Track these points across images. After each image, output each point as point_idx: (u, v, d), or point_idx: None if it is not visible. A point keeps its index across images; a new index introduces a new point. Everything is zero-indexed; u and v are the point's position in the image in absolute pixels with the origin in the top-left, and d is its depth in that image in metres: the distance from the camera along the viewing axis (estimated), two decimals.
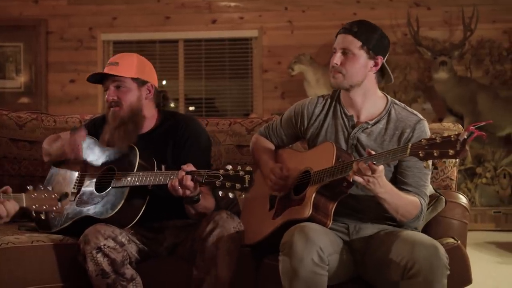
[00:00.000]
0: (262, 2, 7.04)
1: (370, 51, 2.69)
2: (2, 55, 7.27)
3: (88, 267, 2.69)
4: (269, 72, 7.08)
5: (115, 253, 2.70)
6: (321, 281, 2.44)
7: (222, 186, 2.52)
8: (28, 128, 3.55)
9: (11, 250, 2.79)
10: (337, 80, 2.71)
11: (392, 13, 6.82)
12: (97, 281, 2.70)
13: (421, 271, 2.36)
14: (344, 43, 2.68)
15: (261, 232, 2.76)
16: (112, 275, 2.69)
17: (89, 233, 2.71)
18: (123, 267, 2.71)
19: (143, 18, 7.11)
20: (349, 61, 2.68)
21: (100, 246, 2.68)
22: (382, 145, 2.67)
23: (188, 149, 2.91)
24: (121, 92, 2.94)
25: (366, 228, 2.67)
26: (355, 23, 2.72)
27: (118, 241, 2.73)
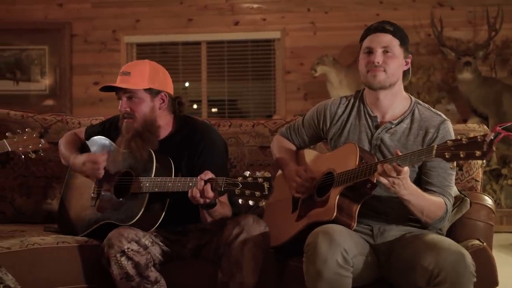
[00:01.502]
0: (285, 3, 7.03)
1: (405, 50, 2.70)
2: (28, 58, 7.33)
3: (112, 271, 2.70)
4: (291, 74, 7.07)
5: (139, 256, 2.70)
6: (345, 282, 2.43)
7: (242, 194, 2.49)
8: (53, 130, 3.56)
9: (37, 251, 2.81)
10: (380, 78, 2.67)
11: (415, 13, 6.77)
12: (122, 284, 2.70)
13: (448, 279, 2.34)
14: (384, 42, 2.66)
15: (285, 234, 2.76)
16: (137, 278, 2.69)
17: (112, 236, 2.71)
18: (147, 270, 2.72)
19: (166, 20, 7.13)
20: (391, 60, 2.66)
21: (123, 249, 2.68)
22: (406, 145, 2.66)
23: (204, 157, 2.88)
24: (133, 103, 2.89)
25: (391, 230, 2.66)
26: (385, 23, 2.71)
27: (142, 244, 2.74)
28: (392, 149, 2.63)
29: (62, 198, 3.17)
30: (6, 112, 3.56)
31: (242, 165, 3.41)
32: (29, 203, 3.48)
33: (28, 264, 2.77)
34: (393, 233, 2.65)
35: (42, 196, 3.48)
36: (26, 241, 2.83)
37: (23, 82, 7.36)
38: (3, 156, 3.37)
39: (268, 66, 7.21)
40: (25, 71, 7.36)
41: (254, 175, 2.48)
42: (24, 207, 3.47)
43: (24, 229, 3.12)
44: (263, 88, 7.32)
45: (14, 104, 5.47)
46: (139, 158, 2.89)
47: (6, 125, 3.50)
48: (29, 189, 3.47)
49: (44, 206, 3.49)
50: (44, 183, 3.50)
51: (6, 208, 3.45)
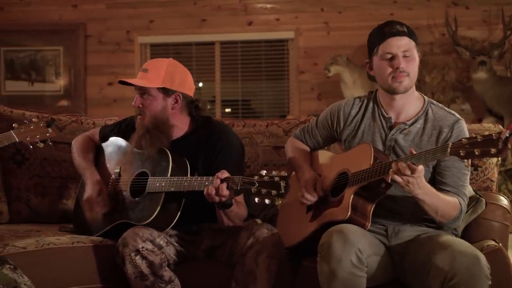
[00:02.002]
0: (298, 3, 7.03)
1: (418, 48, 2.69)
2: (42, 59, 7.37)
3: (127, 270, 2.71)
4: (305, 74, 7.06)
5: (153, 255, 2.71)
6: (359, 282, 2.43)
7: (258, 193, 2.49)
8: (68, 131, 3.58)
9: (52, 250, 2.83)
10: (405, 83, 2.65)
11: (430, 13, 6.74)
12: (136, 283, 2.71)
13: (462, 282, 2.33)
14: (404, 46, 2.63)
15: (299, 235, 2.76)
16: (151, 277, 2.70)
17: (127, 236, 2.73)
18: (161, 269, 2.73)
19: (179, 21, 7.15)
20: (411, 63, 2.64)
21: (138, 248, 2.69)
22: (420, 145, 2.64)
23: (221, 157, 2.88)
24: (145, 100, 2.91)
25: (405, 230, 2.64)
26: (396, 24, 2.67)
27: (156, 243, 2.75)
28: (406, 150, 2.62)
29: (77, 198, 3.19)
30: (21, 113, 3.58)
31: (256, 165, 3.41)
32: (44, 203, 3.50)
33: (43, 264, 2.79)
34: (407, 233, 2.64)
35: (57, 196, 3.51)
36: (42, 241, 2.85)
37: (38, 82, 7.40)
38: (12, 148, 3.42)
39: (282, 66, 7.20)
40: (40, 72, 7.39)
41: (270, 174, 2.49)
42: (39, 207, 3.49)
43: (40, 229, 3.15)
44: (277, 88, 7.31)
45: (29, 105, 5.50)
46: (146, 155, 2.91)
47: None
48: (44, 189, 3.50)
49: (59, 206, 3.51)
50: (59, 183, 3.53)
51: (22, 208, 3.48)
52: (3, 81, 7.41)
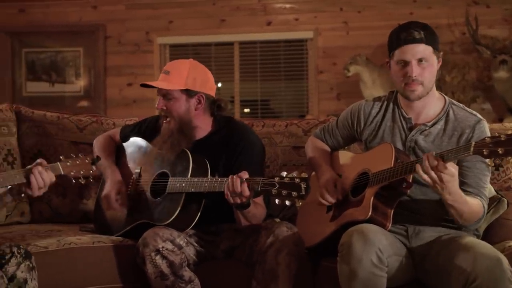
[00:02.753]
0: (317, 3, 7.01)
1: (437, 51, 2.65)
2: (63, 60, 7.42)
3: (147, 269, 2.72)
4: (324, 73, 7.04)
5: (174, 255, 2.72)
6: (379, 282, 2.42)
7: (278, 194, 2.49)
8: (89, 131, 3.60)
9: (73, 250, 2.85)
10: (418, 92, 2.64)
11: (450, 12, 6.69)
12: (156, 283, 2.72)
13: (484, 284, 2.31)
14: (419, 54, 2.60)
15: (319, 235, 2.75)
16: (171, 277, 2.71)
17: (147, 236, 2.74)
18: (181, 269, 2.74)
19: (198, 21, 7.16)
20: (426, 70, 2.62)
21: (158, 248, 2.70)
22: (440, 146, 2.63)
23: (242, 158, 2.88)
24: (169, 102, 2.91)
25: (425, 231, 2.63)
26: (414, 30, 2.62)
27: (176, 243, 2.76)
28: (427, 151, 2.60)
29: (98, 199, 3.20)
30: (42, 114, 3.62)
31: (276, 165, 3.41)
32: (65, 203, 3.52)
33: (64, 263, 2.81)
34: (428, 234, 2.62)
35: (77, 196, 3.52)
36: (63, 241, 2.87)
37: (58, 83, 7.44)
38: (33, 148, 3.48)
39: (301, 66, 7.19)
40: (60, 73, 7.43)
41: (291, 176, 2.48)
42: (60, 207, 3.51)
43: (61, 228, 3.17)
44: (296, 88, 7.30)
45: (50, 106, 5.55)
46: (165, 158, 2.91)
47: (43, 126, 3.57)
48: (65, 189, 3.51)
49: (80, 206, 3.53)
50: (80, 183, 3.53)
51: (43, 208, 3.50)
52: (24, 82, 7.47)
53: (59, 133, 3.58)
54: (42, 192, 2.56)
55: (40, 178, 2.52)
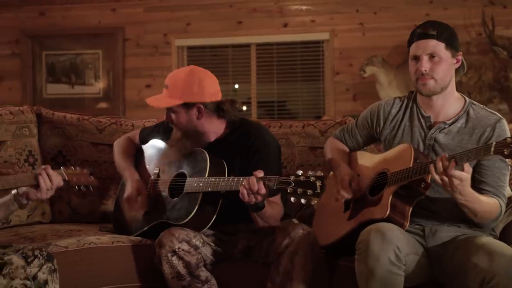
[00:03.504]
0: (334, 4, 6.99)
1: (452, 49, 2.65)
2: (82, 62, 7.45)
3: (164, 270, 2.73)
4: (340, 75, 7.03)
5: (190, 256, 2.73)
6: (397, 280, 2.41)
7: (294, 193, 2.49)
8: (108, 132, 3.61)
9: (93, 250, 2.87)
10: (429, 86, 2.64)
11: (466, 12, 6.65)
12: (173, 284, 2.73)
13: (501, 283, 2.30)
14: (430, 48, 2.62)
15: (337, 233, 2.74)
16: (188, 278, 2.72)
17: (163, 237, 2.75)
18: (197, 269, 2.74)
19: (216, 23, 7.17)
20: (438, 65, 2.62)
21: (174, 249, 2.71)
22: (460, 143, 2.62)
23: (257, 158, 2.88)
24: (171, 116, 2.96)
25: (442, 231, 2.62)
26: (429, 26, 2.65)
27: (192, 244, 2.76)
28: (447, 148, 2.61)
29: (117, 199, 3.22)
30: (62, 115, 3.63)
31: (292, 165, 3.41)
32: (85, 204, 3.53)
33: (84, 262, 2.83)
34: (445, 234, 2.61)
35: (97, 197, 3.53)
36: (83, 241, 2.89)
37: (78, 85, 7.47)
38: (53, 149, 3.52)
39: (317, 67, 7.18)
40: (80, 75, 7.46)
41: (306, 174, 2.48)
42: (80, 208, 3.52)
43: (81, 228, 3.18)
44: (312, 89, 7.29)
45: (70, 107, 5.59)
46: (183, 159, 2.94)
47: (63, 127, 3.58)
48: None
49: (99, 207, 3.54)
50: (99, 184, 3.51)
51: (63, 209, 3.51)
52: (45, 85, 7.51)
53: (79, 134, 3.59)
54: (49, 194, 2.58)
55: (48, 180, 2.55)
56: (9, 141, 3.41)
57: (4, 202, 2.60)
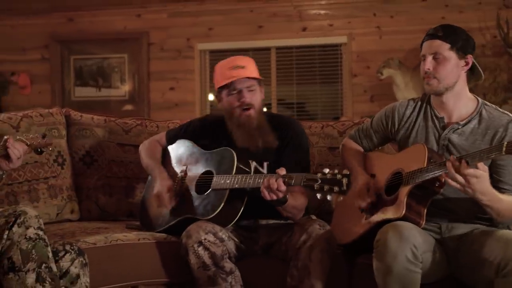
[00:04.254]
0: (351, 9, 6.97)
1: (459, 51, 2.64)
2: (109, 66, 7.49)
3: (190, 260, 2.74)
4: (358, 77, 7.00)
5: (215, 247, 2.74)
6: (414, 278, 2.40)
7: (320, 189, 2.49)
8: (134, 133, 3.63)
9: (120, 246, 2.88)
10: (432, 86, 2.66)
11: (481, 15, 6.59)
12: (199, 274, 2.74)
13: None
14: (433, 48, 2.64)
15: (354, 232, 2.74)
16: (213, 268, 2.72)
17: (191, 228, 2.77)
18: (222, 260, 2.75)
19: (237, 28, 7.18)
20: (441, 64, 2.63)
21: (201, 240, 2.72)
22: (474, 144, 2.61)
23: (290, 148, 2.93)
24: (253, 94, 2.98)
25: (459, 228, 2.61)
26: (438, 28, 2.67)
27: (218, 236, 2.77)
28: (461, 148, 2.60)
29: (144, 197, 3.24)
30: (90, 117, 3.65)
31: (312, 165, 3.38)
32: (112, 202, 3.55)
33: (111, 258, 2.84)
34: (461, 230, 2.60)
35: (123, 195, 3.55)
36: (110, 237, 2.90)
37: (104, 88, 7.51)
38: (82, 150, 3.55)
39: (335, 70, 7.16)
40: (106, 78, 7.50)
41: (333, 172, 2.49)
42: (107, 206, 3.54)
43: (108, 226, 3.20)
44: (330, 91, 7.27)
45: (97, 110, 5.62)
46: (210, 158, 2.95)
47: (91, 129, 3.60)
48: (112, 188, 3.54)
49: (126, 205, 3.55)
50: (125, 183, 3.57)
51: (91, 207, 3.53)
52: (73, 88, 7.57)
53: (106, 135, 3.61)
54: (20, 162, 2.63)
55: (15, 148, 2.59)
56: None
57: None
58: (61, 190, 3.41)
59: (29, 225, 2.31)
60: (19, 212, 2.33)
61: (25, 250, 2.27)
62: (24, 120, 3.41)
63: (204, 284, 2.74)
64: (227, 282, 2.73)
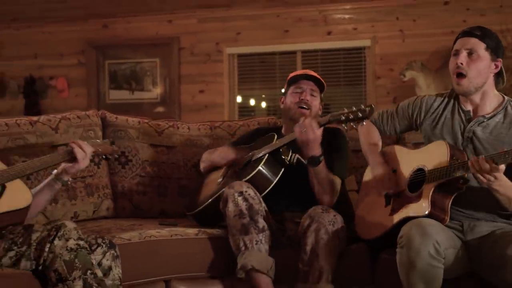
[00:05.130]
0: (375, 13, 6.93)
1: (492, 53, 2.62)
2: (141, 70, 7.54)
3: (228, 208, 2.79)
4: (381, 79, 6.96)
5: (253, 201, 2.79)
6: (437, 273, 2.40)
7: (347, 118, 2.67)
8: (166, 135, 3.65)
9: (153, 242, 2.90)
10: (463, 86, 2.64)
11: (502, 18, 6.49)
12: (234, 222, 2.78)
13: None
14: (469, 45, 2.62)
15: (380, 228, 2.73)
16: (248, 218, 2.76)
17: (234, 183, 2.85)
18: (257, 215, 2.78)
19: (264, 32, 7.18)
20: (474, 62, 2.61)
21: (242, 191, 2.79)
22: (498, 137, 2.60)
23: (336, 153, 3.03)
24: (311, 98, 3.12)
25: (480, 226, 2.59)
26: (475, 28, 2.65)
27: (258, 196, 2.83)
28: (484, 142, 2.59)
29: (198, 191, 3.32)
30: (125, 119, 3.68)
31: None
32: (145, 200, 3.57)
33: (145, 254, 2.86)
34: (482, 228, 2.58)
35: (156, 194, 3.57)
36: (144, 234, 2.92)
37: (137, 91, 7.54)
38: None
39: (359, 72, 7.12)
40: (139, 81, 7.53)
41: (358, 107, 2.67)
42: (141, 204, 3.56)
43: (142, 223, 3.22)
44: (355, 93, 7.24)
45: (130, 111, 5.64)
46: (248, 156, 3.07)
47: (125, 130, 3.62)
48: (145, 187, 3.56)
49: (158, 203, 3.58)
50: (158, 182, 3.59)
51: (126, 204, 3.56)
52: (108, 91, 7.63)
53: (140, 136, 3.63)
54: (86, 163, 2.65)
55: (81, 149, 2.62)
56: None
57: (48, 182, 2.68)
58: (97, 189, 3.44)
59: (69, 237, 2.33)
60: (59, 225, 2.36)
61: (68, 260, 2.29)
62: (63, 122, 3.44)
63: (237, 232, 2.76)
64: (258, 235, 2.75)
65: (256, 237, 2.73)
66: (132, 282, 2.75)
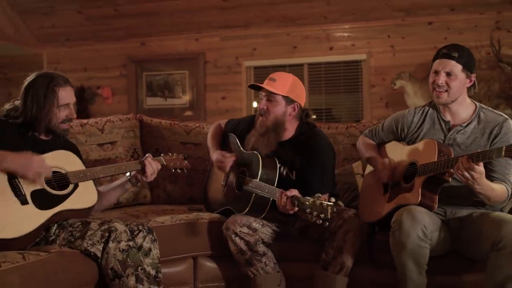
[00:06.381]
0: (370, 31, 6.87)
1: (467, 71, 2.57)
2: (173, 80, 7.54)
3: (230, 247, 2.75)
4: (375, 87, 6.90)
5: (249, 236, 2.73)
6: (424, 252, 2.38)
7: (310, 214, 2.33)
8: (193, 134, 3.64)
9: (183, 225, 2.90)
10: (442, 99, 2.59)
11: (477, 36, 6.41)
12: (238, 257, 2.75)
13: (508, 244, 2.28)
14: (448, 67, 2.55)
15: (379, 213, 2.70)
16: (248, 253, 2.72)
17: (229, 222, 2.77)
18: (256, 246, 2.74)
19: (276, 48, 7.15)
20: (453, 81, 2.56)
21: (236, 232, 2.72)
22: (474, 141, 2.56)
23: (314, 161, 2.76)
24: (271, 104, 2.80)
25: (461, 212, 2.56)
26: (453, 49, 2.56)
27: (252, 227, 2.75)
28: (464, 147, 2.55)
29: (206, 181, 3.20)
30: (159, 121, 3.68)
31: (339, 159, 3.37)
32: (176, 189, 3.57)
33: (176, 235, 2.86)
34: (463, 213, 2.56)
35: (185, 184, 3.57)
36: (175, 217, 2.92)
37: (169, 98, 7.54)
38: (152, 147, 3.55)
39: (356, 82, 7.07)
40: (171, 90, 7.54)
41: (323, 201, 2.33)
42: (172, 192, 3.56)
43: (173, 208, 3.23)
44: (353, 99, 7.18)
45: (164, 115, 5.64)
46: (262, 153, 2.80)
47: (159, 131, 3.63)
48: (176, 178, 3.55)
49: (187, 191, 3.57)
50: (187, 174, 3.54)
51: (160, 193, 3.56)
52: (145, 98, 7.64)
53: (171, 135, 3.63)
54: (153, 177, 2.63)
55: (151, 166, 2.60)
56: (119, 141, 3.48)
57: (122, 183, 2.68)
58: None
59: (120, 240, 2.32)
60: (111, 228, 2.33)
61: (121, 260, 2.29)
62: (108, 124, 3.45)
63: (243, 265, 2.74)
64: (261, 262, 2.71)
65: (260, 264, 2.71)
66: (166, 258, 2.74)
